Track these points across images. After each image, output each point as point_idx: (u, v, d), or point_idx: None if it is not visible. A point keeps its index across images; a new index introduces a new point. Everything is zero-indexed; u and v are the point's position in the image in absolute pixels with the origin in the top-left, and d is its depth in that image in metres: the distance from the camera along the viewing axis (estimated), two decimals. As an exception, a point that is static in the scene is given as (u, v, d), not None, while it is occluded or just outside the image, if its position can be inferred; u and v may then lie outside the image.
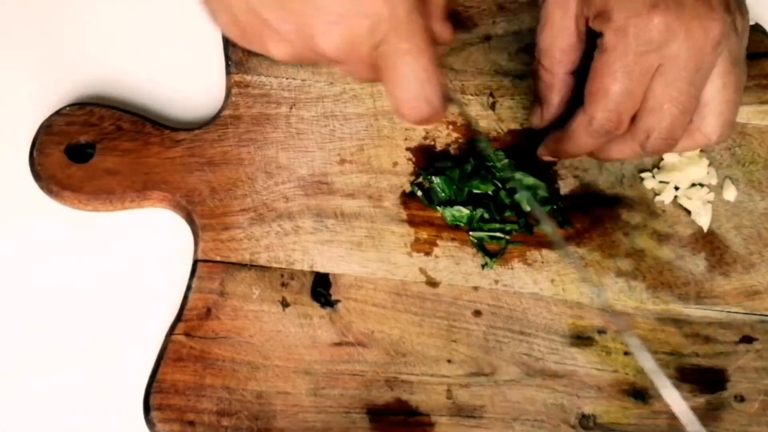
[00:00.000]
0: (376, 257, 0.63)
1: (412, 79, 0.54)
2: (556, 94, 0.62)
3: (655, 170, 0.67)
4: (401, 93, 0.54)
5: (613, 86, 0.57)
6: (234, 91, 0.67)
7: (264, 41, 0.54)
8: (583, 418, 0.60)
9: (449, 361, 0.61)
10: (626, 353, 0.62)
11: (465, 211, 0.64)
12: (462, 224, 0.65)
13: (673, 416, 0.60)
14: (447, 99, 0.56)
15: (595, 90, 0.58)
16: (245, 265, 0.62)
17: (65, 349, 0.61)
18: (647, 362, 0.58)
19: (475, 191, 0.65)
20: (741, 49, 0.59)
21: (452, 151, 0.67)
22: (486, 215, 0.65)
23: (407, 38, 0.53)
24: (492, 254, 0.64)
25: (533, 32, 0.62)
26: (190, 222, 0.64)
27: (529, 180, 0.66)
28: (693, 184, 0.67)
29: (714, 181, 0.67)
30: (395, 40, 0.53)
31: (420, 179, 0.66)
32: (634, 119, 0.58)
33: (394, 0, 0.52)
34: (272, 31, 0.54)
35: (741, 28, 0.58)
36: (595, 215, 0.66)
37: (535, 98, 0.64)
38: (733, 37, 0.57)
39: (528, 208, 0.65)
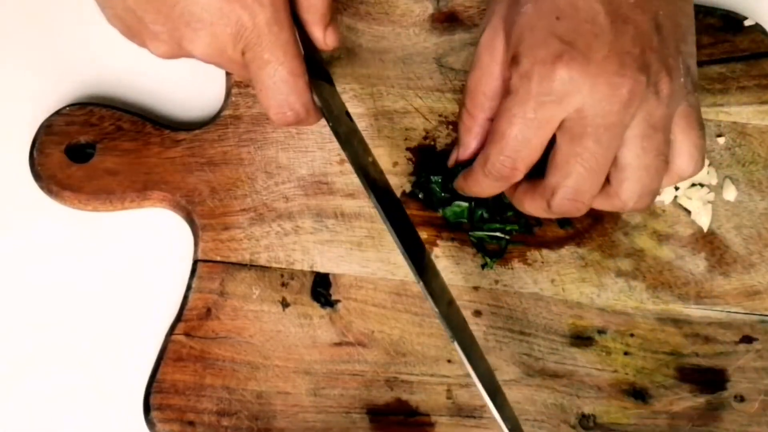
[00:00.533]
0: (376, 257, 0.63)
1: (273, 88, 0.56)
2: (473, 139, 0.59)
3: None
4: (265, 100, 0.57)
5: (509, 130, 0.54)
6: (234, 91, 0.67)
7: (143, 39, 0.57)
8: (583, 418, 0.60)
9: (449, 361, 0.61)
10: (626, 353, 0.62)
11: (464, 205, 0.64)
12: (463, 220, 0.65)
13: (673, 416, 0.61)
14: (317, 106, 0.58)
15: (493, 130, 0.55)
16: (245, 265, 0.62)
17: (65, 349, 0.61)
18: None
19: None
20: (668, 113, 0.55)
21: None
22: (486, 215, 0.65)
23: (268, 49, 0.55)
24: (492, 254, 0.64)
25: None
26: (190, 222, 0.64)
27: None
28: (693, 184, 0.67)
29: (714, 181, 0.67)
30: (258, 49, 0.55)
31: (421, 180, 0.66)
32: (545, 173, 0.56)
33: (255, 10, 0.54)
34: (148, 31, 0.56)
35: (667, 92, 0.54)
36: (595, 215, 0.66)
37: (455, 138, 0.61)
38: (652, 99, 0.54)
39: None
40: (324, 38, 0.58)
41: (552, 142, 0.55)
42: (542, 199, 0.56)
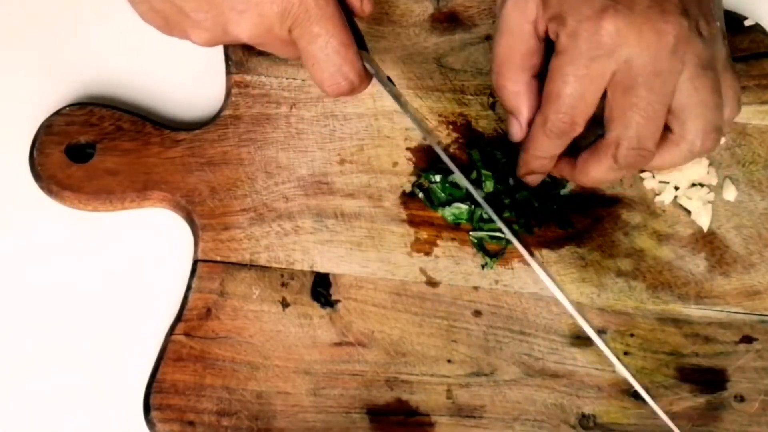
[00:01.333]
0: (376, 257, 0.63)
1: (326, 60, 0.57)
2: (525, 102, 0.60)
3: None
4: (319, 73, 0.57)
5: (564, 89, 0.56)
6: (234, 91, 0.67)
7: (184, 29, 0.57)
8: (583, 418, 0.60)
9: (449, 361, 0.61)
10: (626, 353, 0.62)
11: (464, 207, 0.64)
12: (463, 221, 0.65)
13: (673, 416, 0.60)
14: (367, 71, 0.59)
15: (548, 91, 0.57)
16: (245, 265, 0.62)
17: (65, 349, 0.61)
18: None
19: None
20: (712, 53, 0.57)
21: (452, 151, 0.67)
22: (486, 215, 0.65)
23: (317, 22, 0.56)
24: (492, 254, 0.64)
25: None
26: (190, 222, 0.64)
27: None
28: (693, 184, 0.67)
29: (714, 181, 0.67)
30: (306, 24, 0.56)
31: (421, 180, 0.66)
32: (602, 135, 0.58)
33: None
34: (190, 20, 0.56)
35: (707, 33, 0.56)
36: (595, 215, 0.66)
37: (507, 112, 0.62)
38: (696, 42, 0.56)
39: (534, 205, 0.65)
40: (361, 5, 0.59)
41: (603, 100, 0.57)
42: (607, 157, 0.58)
